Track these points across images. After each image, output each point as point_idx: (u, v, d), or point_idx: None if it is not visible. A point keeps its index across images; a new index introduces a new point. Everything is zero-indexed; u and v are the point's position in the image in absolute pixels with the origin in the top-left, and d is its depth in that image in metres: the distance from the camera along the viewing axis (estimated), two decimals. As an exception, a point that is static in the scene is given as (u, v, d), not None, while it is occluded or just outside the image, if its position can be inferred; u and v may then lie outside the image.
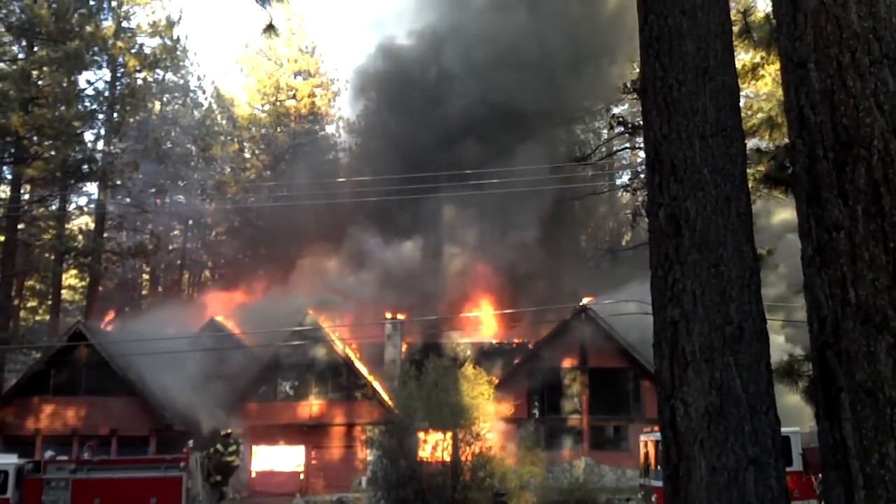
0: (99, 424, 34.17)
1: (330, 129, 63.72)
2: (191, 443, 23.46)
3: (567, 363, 35.56)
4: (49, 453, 24.10)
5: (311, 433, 35.00)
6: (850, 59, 3.85)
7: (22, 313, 54.18)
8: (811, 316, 3.84)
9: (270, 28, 11.35)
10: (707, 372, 5.03)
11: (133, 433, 33.41)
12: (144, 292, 63.24)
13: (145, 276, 63.03)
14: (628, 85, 18.95)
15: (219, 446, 23.36)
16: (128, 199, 47.99)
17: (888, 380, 3.49)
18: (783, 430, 5.31)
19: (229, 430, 24.46)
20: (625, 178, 47.82)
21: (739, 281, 5.19)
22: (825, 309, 3.73)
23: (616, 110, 35.71)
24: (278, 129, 60.79)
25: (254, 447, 34.83)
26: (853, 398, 3.56)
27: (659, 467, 18.79)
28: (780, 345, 17.91)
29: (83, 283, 56.72)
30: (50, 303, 53.31)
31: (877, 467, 3.43)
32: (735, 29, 13.07)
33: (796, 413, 14.41)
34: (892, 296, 3.53)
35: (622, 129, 21.70)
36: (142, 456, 26.85)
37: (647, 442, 21.12)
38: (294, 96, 61.47)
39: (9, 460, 23.29)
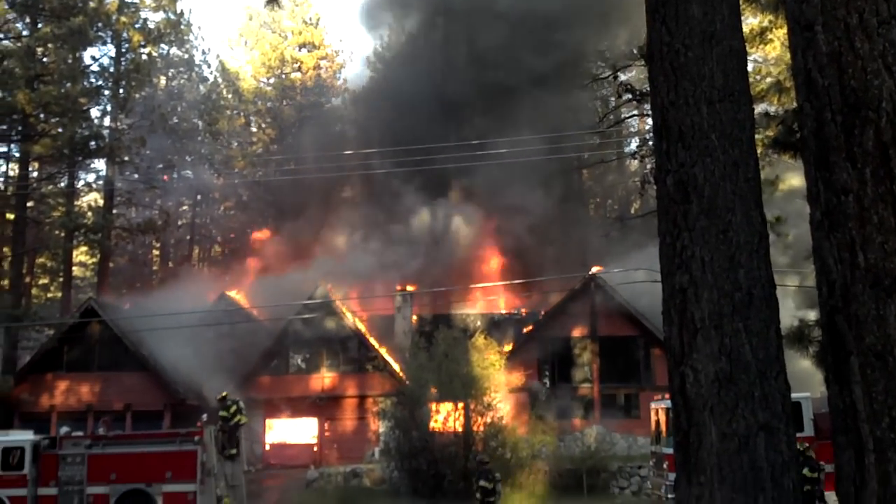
0: (113, 400, 34.44)
1: (336, 101, 63.49)
2: (205, 416, 23.60)
3: (577, 332, 35.60)
4: (64, 429, 24.30)
5: (323, 406, 35.21)
6: (857, 20, 3.80)
7: (34, 290, 54.46)
8: (820, 280, 3.82)
9: (273, 0, 11.31)
10: (716, 338, 5.03)
11: (147, 408, 33.67)
12: (155, 268, 63.50)
13: (155, 252, 63.25)
14: (636, 51, 18.79)
15: (221, 412, 23.44)
16: (136, 175, 48.03)
17: (898, 343, 3.48)
18: (794, 395, 5.32)
19: (224, 393, 24.45)
20: (633, 145, 47.66)
21: (748, 247, 5.17)
22: (834, 273, 3.71)
23: (624, 77, 35.43)
24: (284, 103, 60.63)
25: (267, 420, 35.08)
26: (863, 362, 3.55)
27: (670, 435, 18.86)
28: (791, 310, 17.87)
29: (94, 260, 56.92)
30: (61, 279, 53.54)
31: (887, 431, 3.42)
32: (743, -8, 12.96)
33: (807, 378, 14.40)
34: (902, 259, 3.52)
35: (630, 96, 21.54)
36: (156, 430, 27.02)
37: (658, 410, 21.19)
38: (299, 69, 61.24)
39: (25, 436, 23.56)
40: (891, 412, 3.42)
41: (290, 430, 35.42)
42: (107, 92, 45.64)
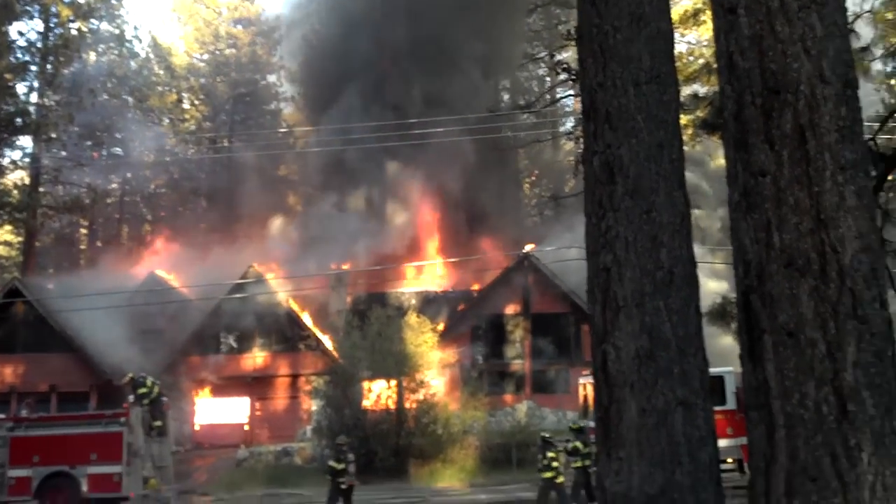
0: (38, 381, 33.65)
1: (272, 78, 62.47)
2: (131, 398, 23.15)
3: (510, 309, 35.91)
4: (-14, 411, 23.68)
5: (255, 385, 34.93)
6: (779, 4, 3.86)
7: (-45, 269, 52.84)
8: (737, 260, 3.89)
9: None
10: (638, 316, 5.10)
11: (73, 389, 32.99)
12: (82, 247, 61.97)
13: (83, 231, 61.69)
14: (571, 31, 18.87)
15: (140, 390, 22.97)
16: (63, 153, 46.71)
17: (809, 322, 3.56)
18: (717, 369, 5.47)
19: (130, 375, 23.98)
20: (568, 125, 47.99)
21: (670, 227, 5.24)
22: (750, 253, 3.78)
23: (560, 56, 35.61)
24: (218, 79, 59.43)
25: (197, 400, 34.66)
26: (776, 340, 3.63)
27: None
28: (715, 288, 18.25)
29: (19, 239, 55.32)
30: (-16, 258, 52.09)
31: (797, 407, 3.51)
32: (673, -25, 13.11)
33: (731, 353, 14.75)
34: (815, 240, 3.59)
35: (566, 75, 21.67)
36: (82, 412, 26.45)
37: (586, 385, 21.52)
38: (234, 45, 60.05)
39: (-55, 418, 22.87)
40: (801, 389, 3.51)
41: (221, 410, 35.06)
42: (34, 67, 44.28)
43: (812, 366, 3.50)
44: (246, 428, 34.51)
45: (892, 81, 24.08)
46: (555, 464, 18.08)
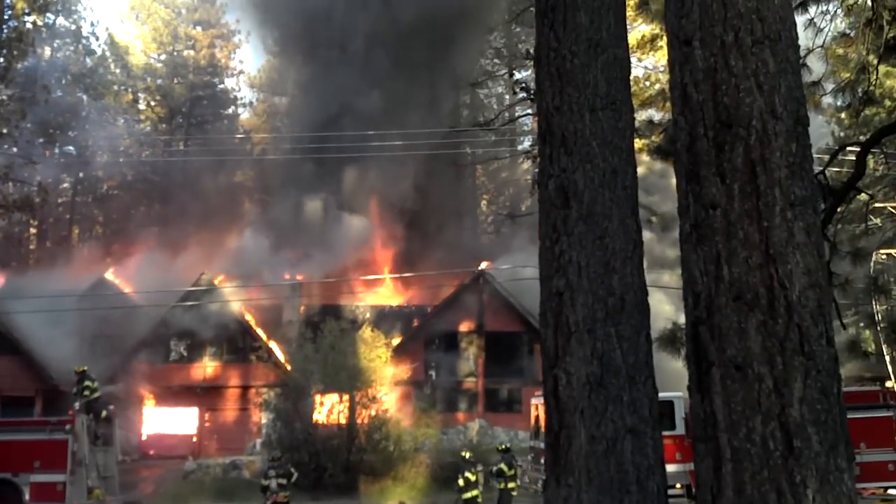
0: (-23, 384, 32.86)
1: (230, 82, 62.08)
2: (77, 404, 22.70)
3: (464, 327, 35.91)
4: (-76, 415, 23.06)
5: (204, 395, 34.46)
6: (733, 38, 3.90)
7: None
8: (686, 291, 3.91)
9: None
10: (589, 342, 5.10)
11: (18, 394, 32.26)
12: (31, 247, 60.80)
13: (32, 231, 60.55)
14: (530, 50, 19.00)
15: (87, 383, 22.58)
16: (14, 149, 45.78)
17: (757, 356, 3.58)
18: (667, 395, 5.49)
19: (84, 368, 23.57)
20: (526, 143, 48.29)
21: (623, 253, 5.26)
22: (700, 285, 3.80)
23: (519, 75, 35.87)
24: (175, 81, 58.83)
25: (145, 409, 34.09)
26: (724, 373, 3.64)
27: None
28: (666, 312, 18.44)
29: (-35, 237, 54.19)
30: (-71, 257, 50.82)
31: (744, 441, 3.52)
32: (633, 1, 13.25)
33: (680, 379, 14.87)
34: (764, 274, 3.62)
35: (525, 94, 21.78)
36: (26, 417, 25.87)
37: (538, 405, 21.50)
38: (193, 46, 59.54)
39: None
40: (748, 423, 3.52)
41: (169, 420, 34.52)
42: (-15, 60, 43.36)
43: (759, 400, 3.52)
44: (194, 439, 33.99)
45: (842, 115, 24.57)
46: (469, 491, 18.04)
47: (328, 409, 28.41)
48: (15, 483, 20.68)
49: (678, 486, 18.42)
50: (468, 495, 18.20)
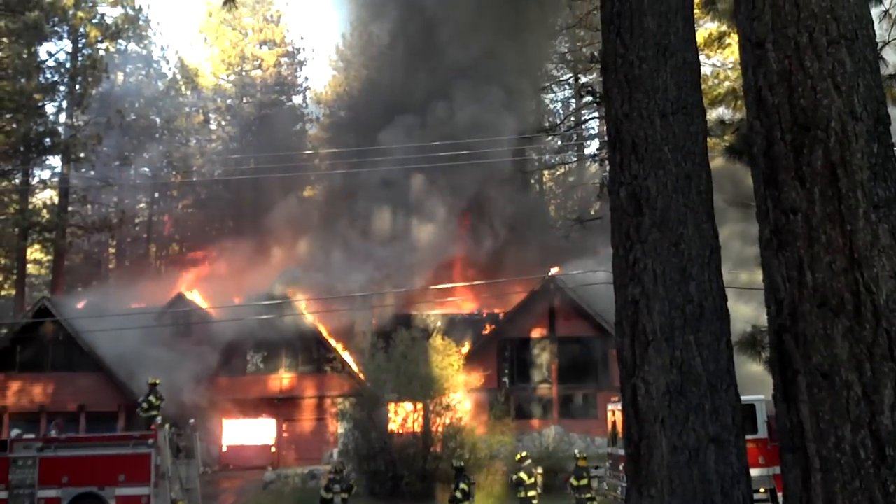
0: (66, 401, 33.86)
1: (297, 99, 63.07)
2: (159, 419, 23.29)
3: (536, 333, 35.72)
4: (16, 431, 23.87)
5: (281, 406, 34.95)
6: (807, 39, 3.82)
7: (-14, 289, 53.45)
8: (769, 298, 3.84)
9: (230, 0, 11.19)
10: (668, 351, 5.04)
11: (101, 409, 33.15)
12: (111, 266, 62.55)
13: (111, 250, 62.30)
14: (595, 54, 18.88)
15: (151, 398, 23.21)
16: (92, 172, 47.27)
17: (844, 363, 3.50)
18: (749, 398, 5.38)
19: (157, 381, 24.30)
20: (593, 147, 47.95)
21: (700, 259, 5.19)
22: (782, 291, 3.73)
23: (584, 79, 35.68)
24: (244, 100, 60.01)
25: (224, 421, 34.73)
26: (810, 381, 3.57)
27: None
28: (746, 315, 18.06)
29: (48, 258, 55.96)
30: (15, 278, 52.58)
31: (833, 450, 3.44)
32: (699, 0, 13.06)
33: (762, 381, 14.56)
34: (849, 279, 3.53)
35: (591, 98, 21.67)
36: (110, 433, 26.60)
37: (615, 411, 21.28)
38: (259, 66, 60.67)
39: (-25, 439, 23.11)
40: (837, 432, 3.44)
41: (248, 431, 35.09)
42: (62, 88, 44.88)
43: (848, 408, 3.44)
44: (273, 450, 34.51)
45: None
46: (458, 494, 17.87)
47: (403, 417, 28.56)
48: (101, 497, 21.28)
49: (762, 490, 18.01)
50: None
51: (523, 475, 18.49)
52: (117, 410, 33.35)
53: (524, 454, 20.09)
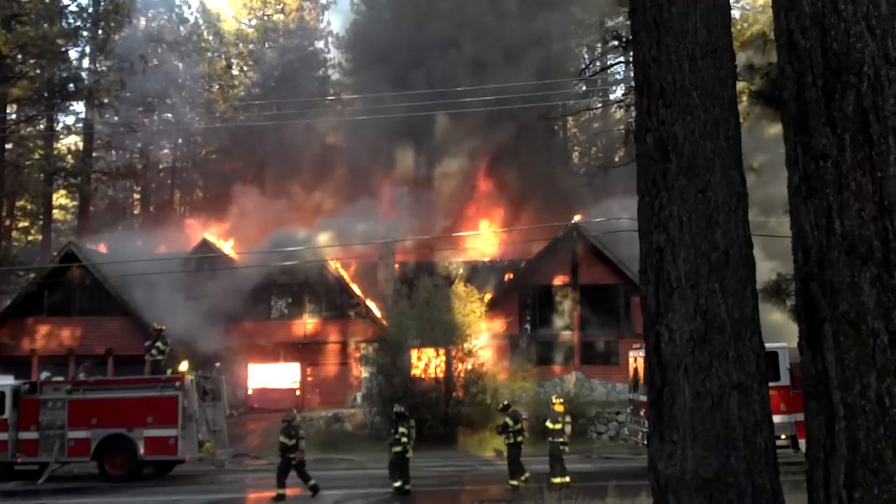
0: (94, 344, 34.43)
1: (319, 44, 62.59)
2: (186, 362, 23.65)
3: (559, 280, 35.74)
4: (45, 374, 24.36)
5: (305, 351, 35.35)
6: (842, -20, 3.73)
7: (14, 234, 54.09)
8: (796, 246, 3.81)
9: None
10: (692, 298, 5.03)
11: (128, 353, 33.66)
12: (136, 212, 63.04)
13: (136, 196, 62.75)
14: (621, -2, 18.57)
15: (158, 344, 23.56)
16: (115, 118, 47.41)
17: (871, 311, 3.47)
18: (771, 345, 5.38)
19: (163, 327, 24.72)
20: (619, 93, 47.36)
21: (726, 206, 5.14)
22: (810, 239, 3.69)
23: (610, 23, 35.06)
24: (266, 45, 59.70)
25: (250, 365, 35.21)
26: (836, 329, 3.55)
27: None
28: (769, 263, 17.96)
29: (74, 203, 56.49)
30: (41, 223, 53.19)
31: (858, 398, 3.43)
32: (730, -59, 12.75)
33: (784, 328, 14.55)
34: (878, 226, 3.49)
35: (616, 42, 21.33)
36: (137, 376, 27.04)
37: (637, 357, 21.36)
38: (282, 10, 60.21)
39: (5, 381, 23.57)
40: (862, 379, 3.43)
41: (273, 375, 35.60)
42: (85, 33, 44.81)
43: (874, 356, 3.42)
44: (297, 393, 35.02)
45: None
46: (404, 439, 18.00)
47: (425, 363, 28.84)
48: (130, 438, 21.73)
49: (783, 436, 18.10)
50: (397, 449, 18.18)
51: (508, 420, 18.62)
52: (144, 354, 33.81)
53: (507, 402, 20.12)
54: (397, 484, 17.72)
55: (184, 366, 23.28)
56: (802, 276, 3.74)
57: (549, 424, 18.66)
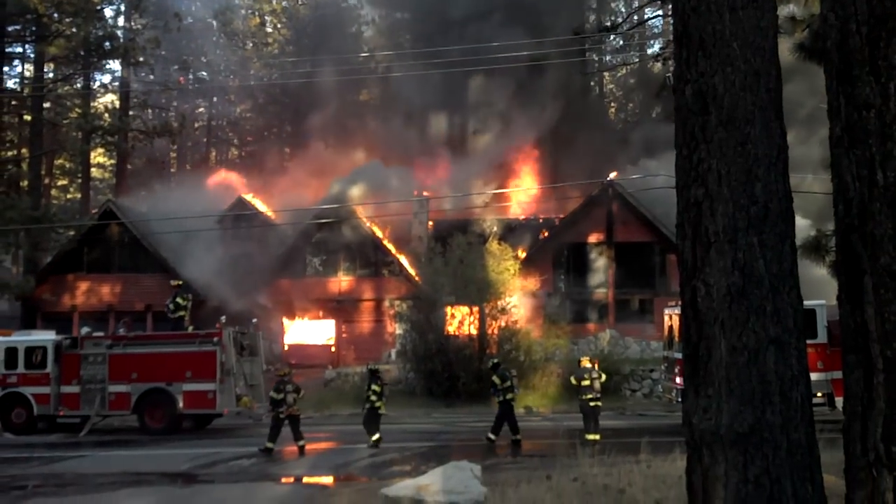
0: (133, 301, 34.99)
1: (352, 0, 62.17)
2: (223, 318, 23.92)
3: (593, 238, 35.59)
4: (85, 329, 24.73)
5: (340, 308, 35.65)
6: (889, -76, 3.62)
7: (53, 192, 54.83)
8: (837, 198, 3.75)
9: None
10: (730, 252, 4.99)
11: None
12: (173, 170, 63.56)
13: (172, 154, 63.21)
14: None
15: (178, 300, 23.81)
16: (151, 77, 47.63)
17: (913, 263, 3.43)
18: (808, 302, 5.31)
19: (179, 282, 25.00)
20: (656, 47, 46.60)
21: (766, 159, 5.07)
22: (852, 190, 3.64)
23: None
24: (299, 2, 59.43)
25: (285, 321, 35.60)
26: (876, 282, 3.51)
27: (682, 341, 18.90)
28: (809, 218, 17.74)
29: (111, 162, 57.06)
30: (80, 181, 53.86)
31: (897, 351, 3.41)
32: None
33: (822, 286, 14.40)
34: (923, 177, 3.43)
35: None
36: (176, 331, 27.42)
37: (672, 315, 21.28)
38: (314, -35, 59.76)
39: (47, 336, 24.05)
40: (902, 333, 3.40)
41: (309, 331, 35.98)
42: (120, -9, 44.88)
43: (915, 309, 3.38)
44: (333, 349, 35.39)
45: None
46: (373, 397, 18.02)
47: (459, 320, 28.92)
48: (169, 392, 22.10)
49: (819, 394, 17.99)
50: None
51: (496, 379, 18.70)
52: (166, 312, 34.25)
53: (496, 360, 20.13)
54: (374, 437, 18.00)
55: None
56: (843, 228, 3.69)
57: (573, 381, 18.75)
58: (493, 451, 17.60)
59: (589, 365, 18.75)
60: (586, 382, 18.17)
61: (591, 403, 17.93)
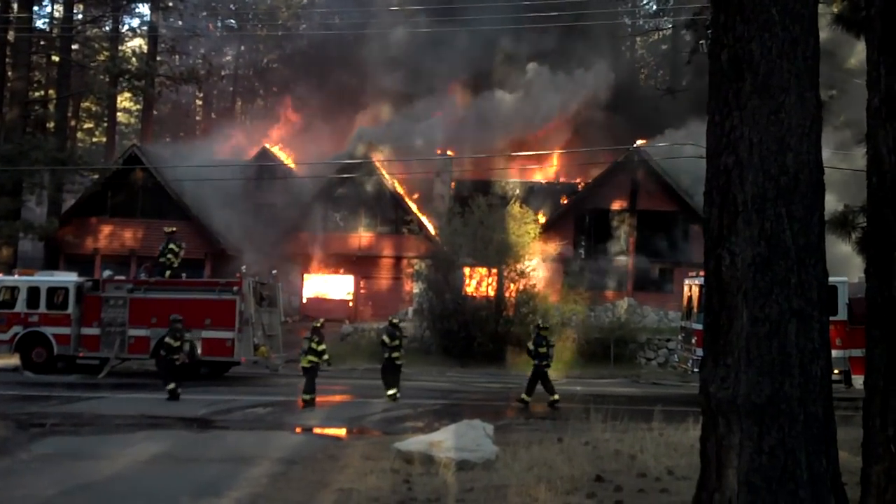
0: (155, 246, 34.91)
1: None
2: (244, 268, 24.05)
3: (616, 205, 35.37)
4: (107, 272, 24.94)
5: (359, 264, 35.75)
6: None
7: (78, 134, 55.03)
8: (871, 170, 3.69)
9: None
10: (757, 222, 4.93)
11: (188, 256, 34.26)
12: (198, 118, 63.58)
13: (198, 102, 63.19)
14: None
15: (171, 246, 23.93)
16: (180, 22, 47.49)
17: (946, 239, 3.37)
18: (831, 279, 5.24)
19: (171, 229, 25.12)
20: (690, 12, 45.85)
21: (800, 129, 4.99)
22: (887, 163, 3.58)
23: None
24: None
25: (304, 274, 35.76)
26: (907, 257, 3.46)
27: (701, 311, 18.82)
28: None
29: (138, 107, 57.11)
30: (105, 125, 53.98)
31: (924, 327, 3.36)
32: None
33: (845, 262, 14.27)
34: (962, 152, 3.36)
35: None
36: (197, 279, 27.62)
37: (692, 286, 21.19)
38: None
39: (69, 278, 24.28)
40: (930, 309, 3.35)
41: (327, 286, 36.14)
42: (150, -66, 44.60)
43: (945, 286, 3.33)
44: (350, 304, 35.56)
45: None
46: (312, 356, 18.03)
47: (477, 281, 28.96)
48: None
49: (836, 371, 17.91)
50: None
51: (385, 338, 18.81)
52: (204, 258, 34.52)
53: (391, 319, 20.10)
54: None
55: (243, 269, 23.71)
56: (875, 200, 3.64)
57: (529, 346, 19.07)
58: (504, 413, 17.70)
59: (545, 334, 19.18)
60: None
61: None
